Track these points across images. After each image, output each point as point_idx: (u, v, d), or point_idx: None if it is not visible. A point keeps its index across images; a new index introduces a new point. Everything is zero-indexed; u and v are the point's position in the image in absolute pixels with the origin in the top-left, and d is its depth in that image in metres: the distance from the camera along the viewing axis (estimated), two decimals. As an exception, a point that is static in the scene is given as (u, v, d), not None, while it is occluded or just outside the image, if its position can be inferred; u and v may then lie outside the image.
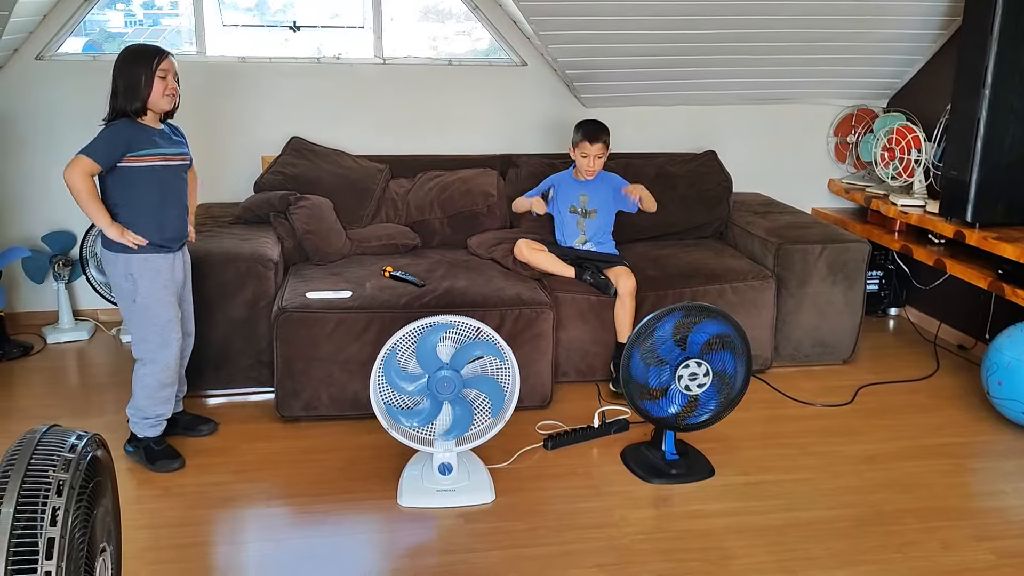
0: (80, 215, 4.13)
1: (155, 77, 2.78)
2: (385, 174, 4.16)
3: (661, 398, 2.91)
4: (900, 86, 4.61)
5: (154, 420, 2.97)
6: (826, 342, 3.88)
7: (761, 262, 3.89)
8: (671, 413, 2.92)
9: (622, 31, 4.02)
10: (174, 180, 2.91)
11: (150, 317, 2.88)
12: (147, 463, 2.96)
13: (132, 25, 4.68)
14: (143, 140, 2.80)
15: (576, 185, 3.76)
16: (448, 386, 2.67)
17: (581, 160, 3.67)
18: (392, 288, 3.40)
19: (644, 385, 2.90)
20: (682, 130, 4.61)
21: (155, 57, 2.81)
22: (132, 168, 2.79)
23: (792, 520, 2.71)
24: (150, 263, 2.86)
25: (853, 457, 3.11)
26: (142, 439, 2.98)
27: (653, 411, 2.92)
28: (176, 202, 2.92)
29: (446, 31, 4.64)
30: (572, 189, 3.76)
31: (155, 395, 2.94)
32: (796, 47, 4.25)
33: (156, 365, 2.92)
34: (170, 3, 4.52)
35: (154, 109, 2.84)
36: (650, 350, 2.87)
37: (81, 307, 4.31)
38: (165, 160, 2.85)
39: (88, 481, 1.55)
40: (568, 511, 2.74)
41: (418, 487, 2.79)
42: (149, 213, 2.84)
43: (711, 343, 2.88)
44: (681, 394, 2.89)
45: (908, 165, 4.15)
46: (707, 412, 2.95)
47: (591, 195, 3.73)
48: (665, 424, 2.95)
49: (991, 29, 3.43)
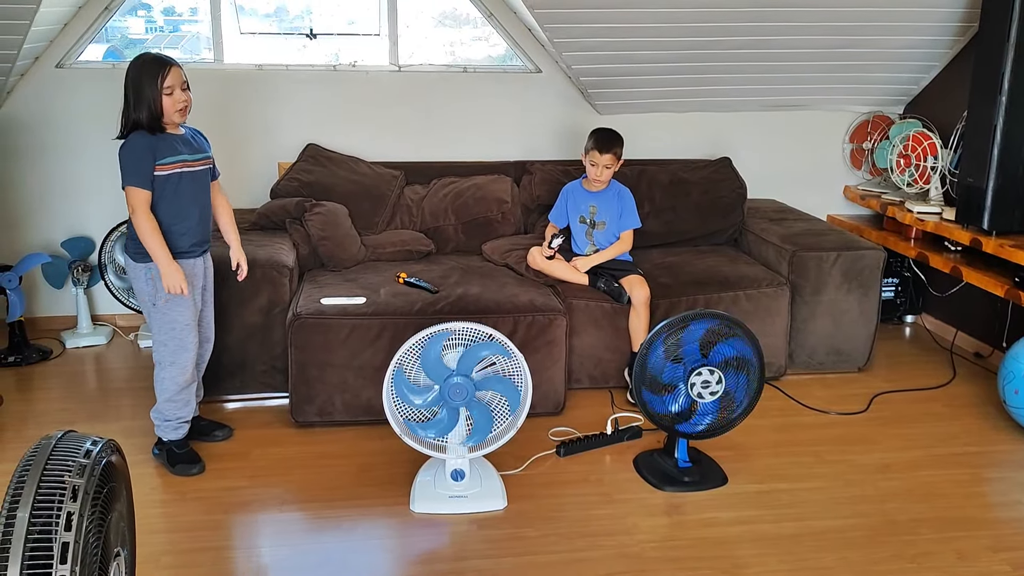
0: (99, 221, 4.20)
1: (162, 96, 2.76)
2: (400, 180, 4.18)
3: (666, 395, 2.90)
4: (916, 92, 4.59)
5: (176, 423, 3.01)
6: (841, 350, 3.86)
7: (776, 269, 3.88)
8: (670, 411, 2.91)
9: (636, 38, 4.02)
10: (197, 186, 2.93)
11: (169, 321, 2.91)
12: (168, 466, 3.00)
13: (153, 32, 4.72)
14: (165, 148, 2.81)
15: (585, 195, 3.74)
16: (461, 392, 2.68)
17: (590, 168, 3.63)
18: (406, 294, 3.41)
19: (656, 377, 2.89)
20: (696, 137, 4.61)
21: (158, 75, 2.75)
22: (156, 177, 2.80)
23: (805, 529, 2.70)
24: None
25: (867, 466, 3.09)
26: (165, 442, 3.02)
27: (653, 404, 2.91)
28: (199, 207, 2.94)
29: (463, 36, 4.66)
30: (582, 199, 3.75)
31: (175, 398, 2.98)
32: (811, 53, 4.24)
33: (174, 368, 2.95)
34: (190, 9, 4.57)
35: (169, 123, 2.84)
36: (674, 345, 2.86)
37: (100, 312, 4.36)
38: (188, 166, 2.87)
39: (103, 486, 1.57)
40: (580, 518, 2.74)
41: (430, 493, 2.80)
42: (173, 220, 2.86)
43: (730, 361, 2.87)
44: (685, 396, 2.88)
45: (924, 172, 4.13)
46: (702, 424, 2.93)
47: (600, 206, 3.72)
48: (657, 419, 2.93)
49: (1008, 35, 3.41)
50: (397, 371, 2.69)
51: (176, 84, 2.79)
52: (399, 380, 2.69)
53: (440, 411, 2.72)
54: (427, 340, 2.68)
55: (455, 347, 2.74)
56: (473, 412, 2.73)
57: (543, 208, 4.16)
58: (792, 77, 4.41)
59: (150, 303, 2.90)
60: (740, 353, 2.87)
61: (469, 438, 2.76)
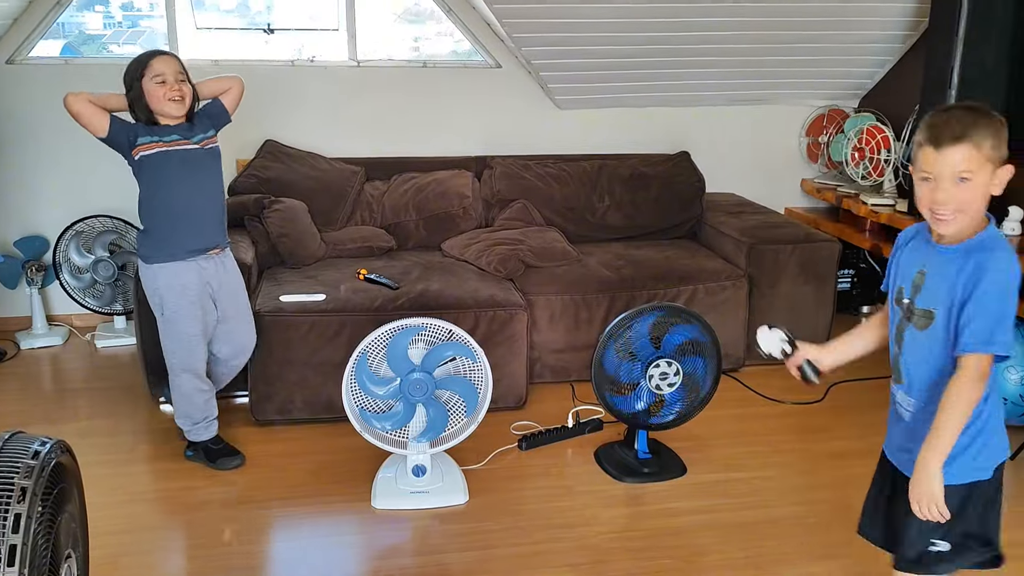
0: (53, 220, 4.13)
1: (152, 83, 2.67)
2: (360, 176, 4.16)
3: (630, 394, 2.94)
4: (870, 86, 4.67)
5: (204, 423, 2.99)
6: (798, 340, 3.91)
7: (734, 262, 3.92)
8: (638, 409, 2.95)
9: (595, 33, 4.04)
10: (193, 169, 2.77)
11: (176, 332, 2.87)
12: (209, 462, 2.99)
13: (110, 27, 4.65)
14: (155, 130, 2.72)
15: (921, 249, 1.82)
16: (421, 388, 2.68)
17: (924, 188, 1.69)
18: (366, 290, 3.40)
19: (614, 379, 2.92)
20: (656, 131, 4.65)
21: (145, 64, 2.68)
22: (147, 157, 2.70)
23: (764, 516, 2.74)
24: (178, 278, 2.80)
25: (824, 454, 3.15)
26: (199, 442, 3.01)
27: (619, 405, 2.95)
28: (201, 199, 2.80)
29: (426, 31, 4.65)
30: (915, 255, 1.83)
31: (195, 400, 2.95)
32: (767, 48, 4.29)
33: (188, 374, 2.92)
34: (149, 4, 4.50)
35: (162, 115, 2.73)
36: (624, 345, 2.89)
37: (55, 312, 4.29)
38: (177, 145, 2.73)
39: (52, 487, 1.55)
40: (541, 511, 2.76)
41: (392, 489, 2.80)
42: (170, 214, 2.75)
43: (684, 347, 2.91)
44: (649, 392, 2.92)
45: (878, 165, 4.20)
46: (672, 413, 2.98)
47: (932, 271, 1.76)
48: (629, 420, 2.97)
49: (957, 30, 3.49)
50: (361, 358, 2.68)
51: (168, 72, 2.68)
52: (361, 368, 2.68)
53: (397, 404, 2.72)
54: (398, 331, 2.67)
55: (422, 343, 2.74)
56: (429, 409, 2.73)
57: (503, 203, 4.17)
58: (749, 72, 4.46)
59: (158, 312, 2.86)
60: (691, 337, 2.91)
61: (423, 434, 2.76)
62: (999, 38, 3.46)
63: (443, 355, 2.72)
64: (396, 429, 2.77)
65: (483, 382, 2.78)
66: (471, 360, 2.76)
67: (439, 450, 2.83)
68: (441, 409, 2.75)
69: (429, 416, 2.75)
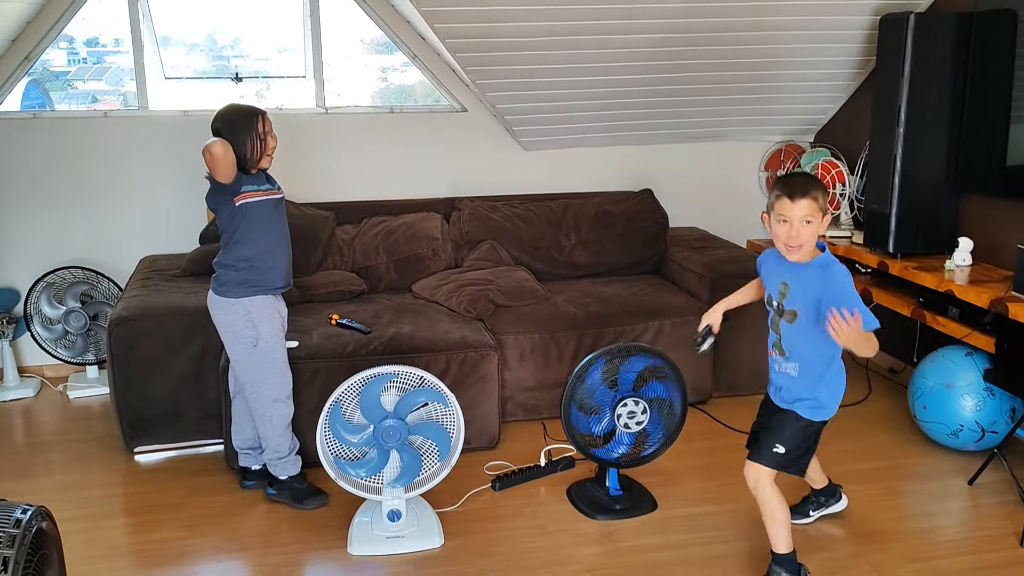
0: (23, 272, 4.14)
1: (268, 136, 2.87)
2: (331, 221, 4.22)
3: (611, 442, 3.01)
4: (824, 122, 4.82)
5: (291, 457, 3.05)
6: (762, 372, 3.94)
7: (698, 296, 4.02)
8: (622, 454, 3.03)
9: (556, 78, 4.16)
10: (281, 216, 3.00)
11: (271, 360, 2.95)
12: (295, 503, 3.05)
13: (76, 63, 4.67)
14: (252, 179, 2.90)
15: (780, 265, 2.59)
16: (394, 435, 2.74)
17: (779, 229, 2.47)
18: (338, 336, 3.45)
19: (588, 434, 3.01)
20: (619, 169, 4.76)
21: (260, 115, 2.86)
22: (250, 204, 2.86)
23: (734, 550, 2.81)
24: (270, 306, 2.95)
25: (792, 483, 3.20)
26: (285, 480, 3.06)
27: (603, 456, 3.03)
28: (285, 240, 3.02)
29: (394, 61, 4.71)
30: (776, 269, 2.62)
31: (286, 433, 3.02)
32: (725, 88, 4.43)
33: (281, 403, 2.99)
34: (114, 40, 4.53)
35: (256, 166, 2.92)
36: (584, 401, 2.98)
37: (26, 363, 4.29)
38: (271, 195, 2.95)
39: (33, 554, 1.59)
40: (516, 552, 2.81)
41: (368, 535, 2.84)
42: (271, 253, 2.93)
43: (643, 376, 3.00)
44: (609, 420, 3.00)
45: (834, 198, 4.34)
46: (656, 442, 3.07)
47: (794, 284, 2.53)
48: (619, 465, 3.05)
49: (903, 70, 3.64)
50: (334, 407, 2.73)
51: (270, 130, 2.91)
52: (335, 417, 2.73)
53: (371, 451, 2.77)
54: (371, 379, 2.73)
55: (394, 389, 2.80)
56: (403, 455, 2.78)
57: (472, 244, 4.25)
58: (708, 110, 4.59)
59: (250, 344, 2.92)
60: (642, 367, 3.01)
61: (397, 479, 2.81)
62: (941, 77, 3.62)
63: (415, 401, 2.78)
64: (371, 476, 2.81)
65: (455, 427, 2.84)
66: (443, 405, 2.82)
67: (414, 495, 2.87)
68: (414, 455, 2.80)
69: (403, 461, 2.80)
